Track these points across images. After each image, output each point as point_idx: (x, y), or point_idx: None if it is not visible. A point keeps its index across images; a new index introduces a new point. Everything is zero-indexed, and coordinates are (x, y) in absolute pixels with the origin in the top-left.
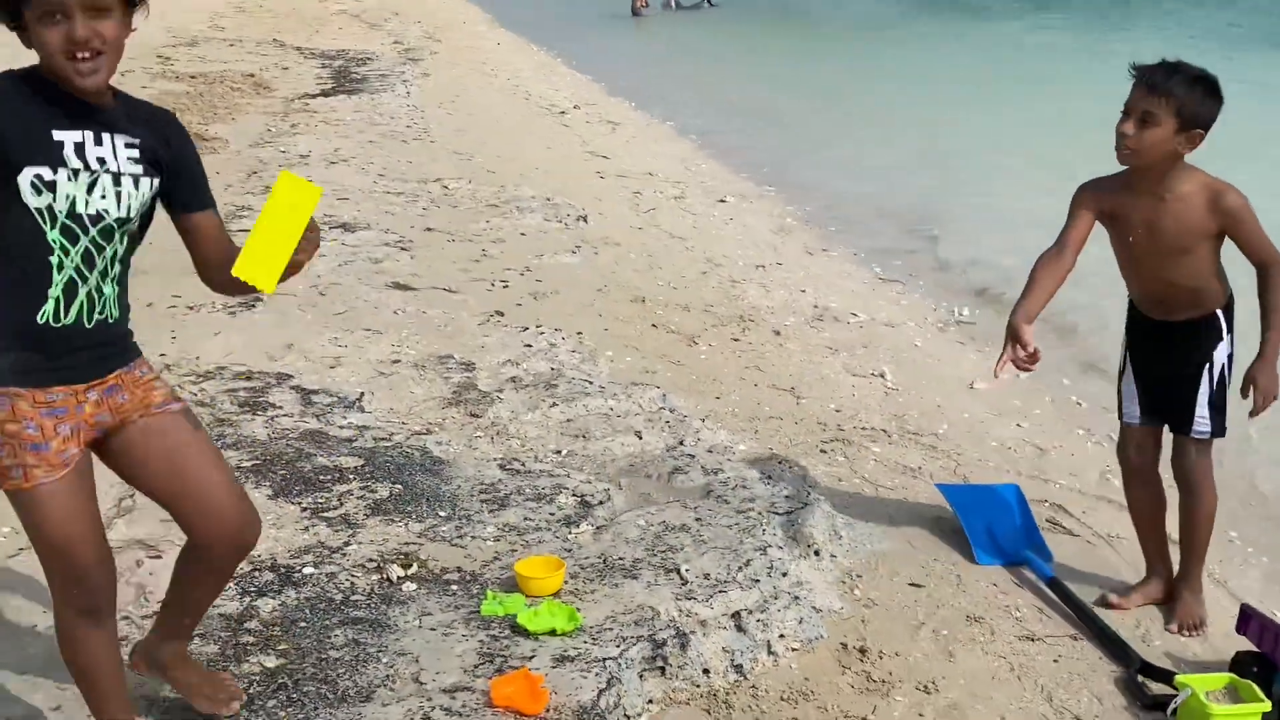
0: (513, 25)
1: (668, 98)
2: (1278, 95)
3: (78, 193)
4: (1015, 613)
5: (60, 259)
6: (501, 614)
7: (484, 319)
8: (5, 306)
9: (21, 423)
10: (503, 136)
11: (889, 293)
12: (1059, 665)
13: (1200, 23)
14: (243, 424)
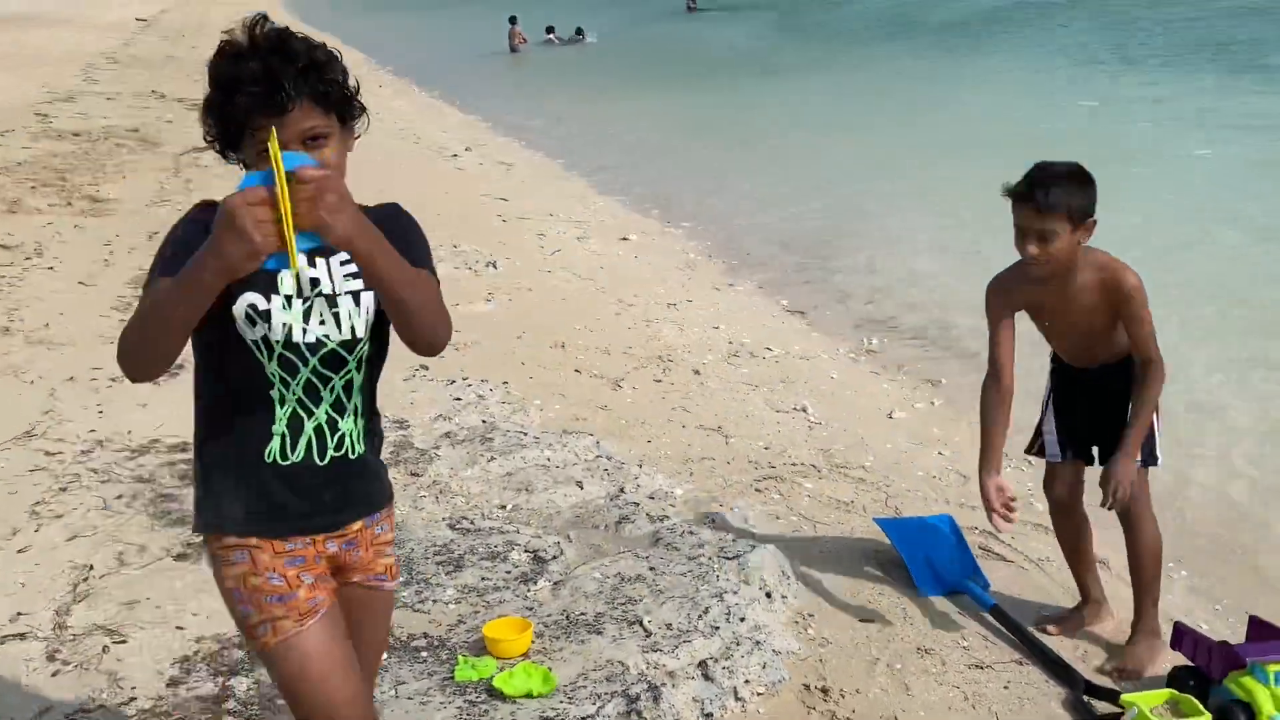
0: (392, 68)
1: (556, 135)
2: (1127, 109)
3: (293, 320)
4: (963, 642)
5: (281, 392)
6: (476, 678)
7: (409, 374)
8: (231, 445)
9: (264, 575)
10: (399, 182)
11: (798, 324)
12: (1009, 691)
13: (1053, 42)
14: (186, 498)
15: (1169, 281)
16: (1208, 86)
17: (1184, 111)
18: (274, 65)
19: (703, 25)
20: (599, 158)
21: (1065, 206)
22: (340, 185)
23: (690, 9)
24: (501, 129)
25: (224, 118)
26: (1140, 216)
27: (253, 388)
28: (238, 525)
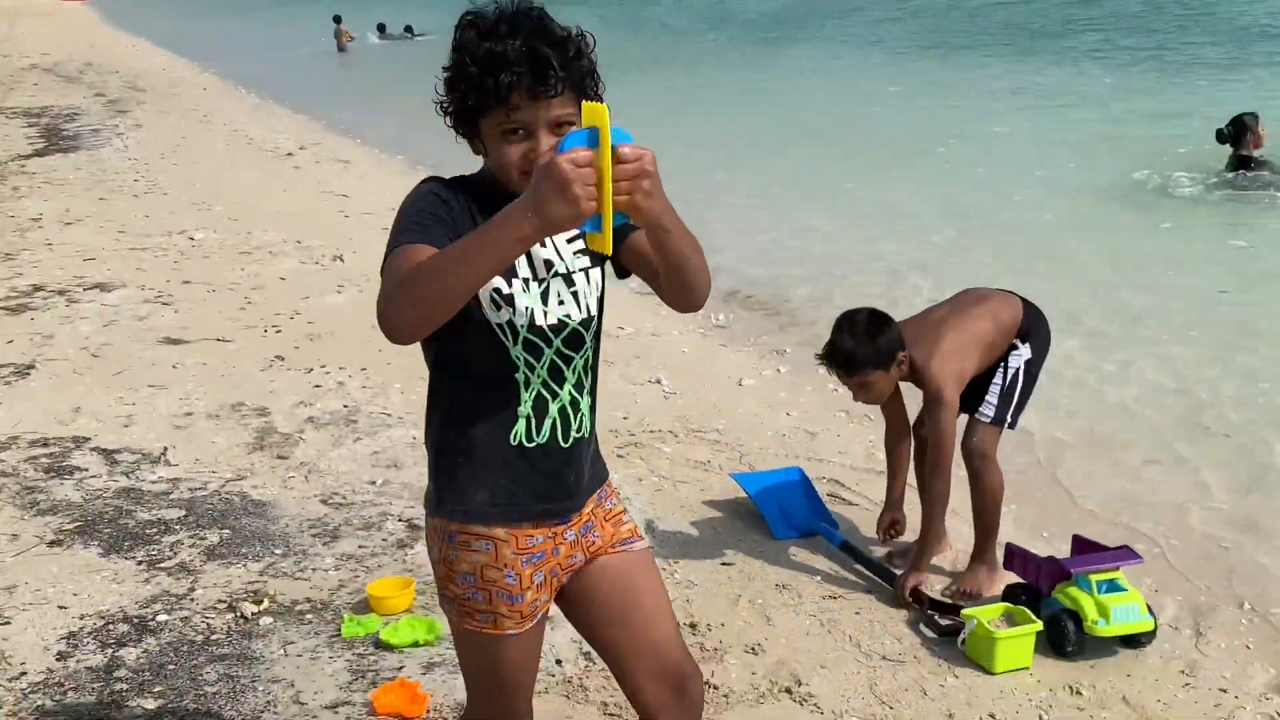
0: (216, 69)
1: (392, 131)
2: (938, 92)
3: (534, 303)
4: (816, 577)
5: (526, 375)
6: (362, 634)
7: (266, 365)
8: (475, 432)
9: (503, 570)
10: (236, 183)
11: (649, 304)
12: (860, 616)
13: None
14: (53, 489)
15: (975, 245)
16: (1007, 68)
17: (984, 92)
18: (539, 47)
19: None
20: (439, 153)
21: (870, 361)
22: (655, 169)
23: None
24: (336, 127)
25: (481, 92)
26: (945, 190)
27: (497, 372)
28: (483, 513)
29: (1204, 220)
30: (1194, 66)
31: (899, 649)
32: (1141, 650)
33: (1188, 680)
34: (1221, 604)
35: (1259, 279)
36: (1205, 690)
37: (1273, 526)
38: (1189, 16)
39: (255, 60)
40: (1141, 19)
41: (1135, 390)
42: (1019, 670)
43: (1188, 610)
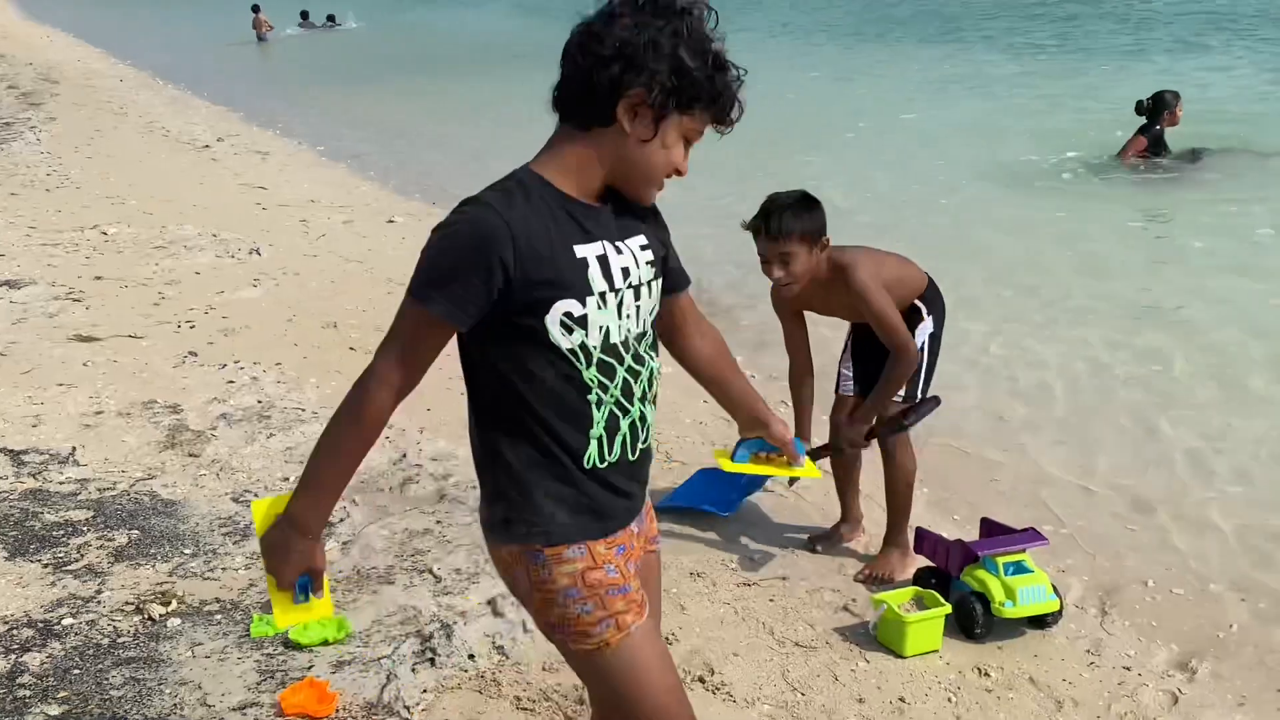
0: (133, 61)
1: (312, 122)
2: (853, 79)
3: (609, 320)
4: (730, 566)
5: (599, 395)
6: (271, 633)
7: (178, 361)
8: (543, 457)
9: (602, 568)
10: (151, 176)
11: None
12: (774, 603)
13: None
14: None
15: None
16: (915, 56)
17: (896, 79)
18: (732, 85)
19: (443, 8)
20: (360, 144)
21: (798, 230)
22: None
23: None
24: (255, 119)
25: (710, 95)
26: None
27: (568, 397)
28: (566, 533)
29: (1105, 202)
30: (1096, 54)
31: (811, 635)
32: (1048, 631)
33: (1093, 659)
34: (1126, 583)
35: (1160, 259)
36: (1109, 669)
37: (1175, 506)
38: (1093, 4)
39: (174, 51)
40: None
41: (1042, 373)
42: (929, 653)
43: (1093, 590)
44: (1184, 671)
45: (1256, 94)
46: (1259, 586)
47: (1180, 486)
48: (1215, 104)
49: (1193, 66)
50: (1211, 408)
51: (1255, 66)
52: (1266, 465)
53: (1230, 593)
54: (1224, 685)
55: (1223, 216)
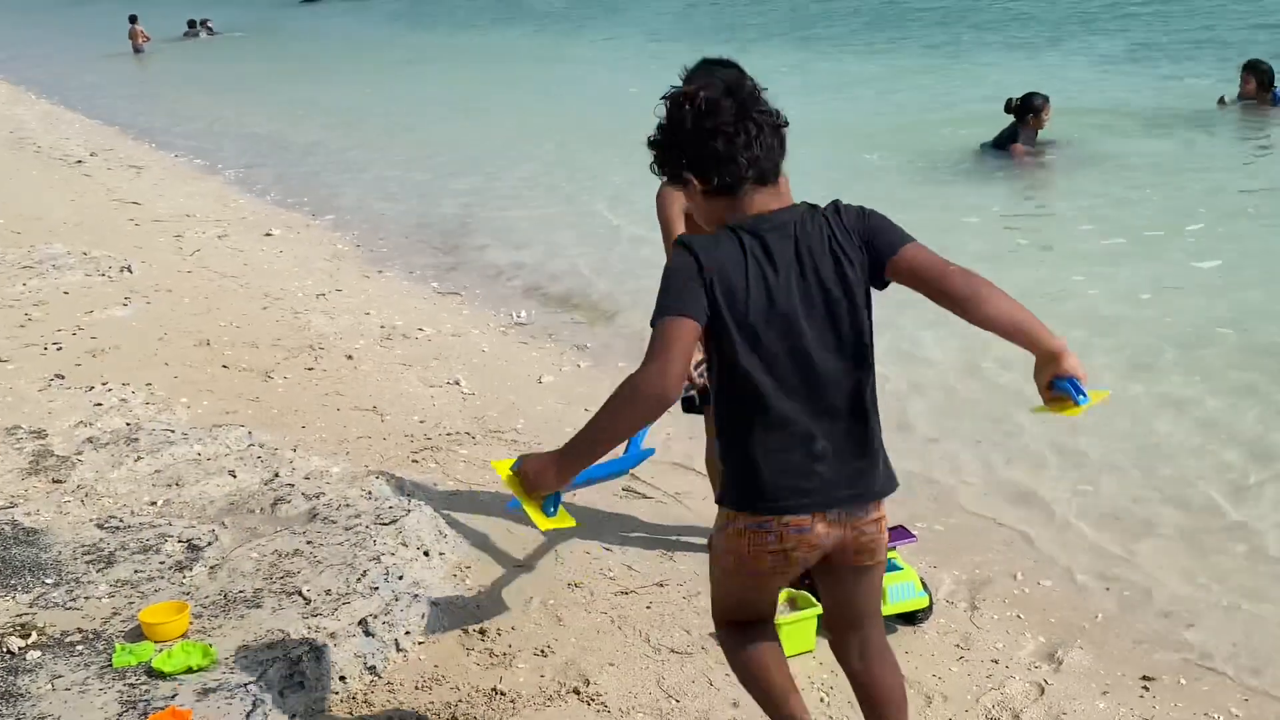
0: (3, 73)
1: (190, 135)
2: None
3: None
4: (609, 574)
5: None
6: (134, 663)
7: (44, 384)
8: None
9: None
10: (19, 193)
11: (450, 305)
12: (651, 610)
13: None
14: None
15: None
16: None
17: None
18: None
19: (323, 16)
20: (235, 156)
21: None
22: None
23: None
24: (130, 132)
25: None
26: None
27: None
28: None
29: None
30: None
31: (687, 641)
32: (918, 627)
33: (962, 653)
34: (995, 577)
35: (1021, 259)
36: (978, 662)
37: (1042, 499)
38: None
39: (48, 64)
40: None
41: (911, 369)
42: (803, 654)
43: (963, 585)
44: (1050, 662)
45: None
46: (1123, 577)
47: (1047, 479)
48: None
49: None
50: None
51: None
52: (1130, 457)
53: (1095, 583)
54: (1090, 674)
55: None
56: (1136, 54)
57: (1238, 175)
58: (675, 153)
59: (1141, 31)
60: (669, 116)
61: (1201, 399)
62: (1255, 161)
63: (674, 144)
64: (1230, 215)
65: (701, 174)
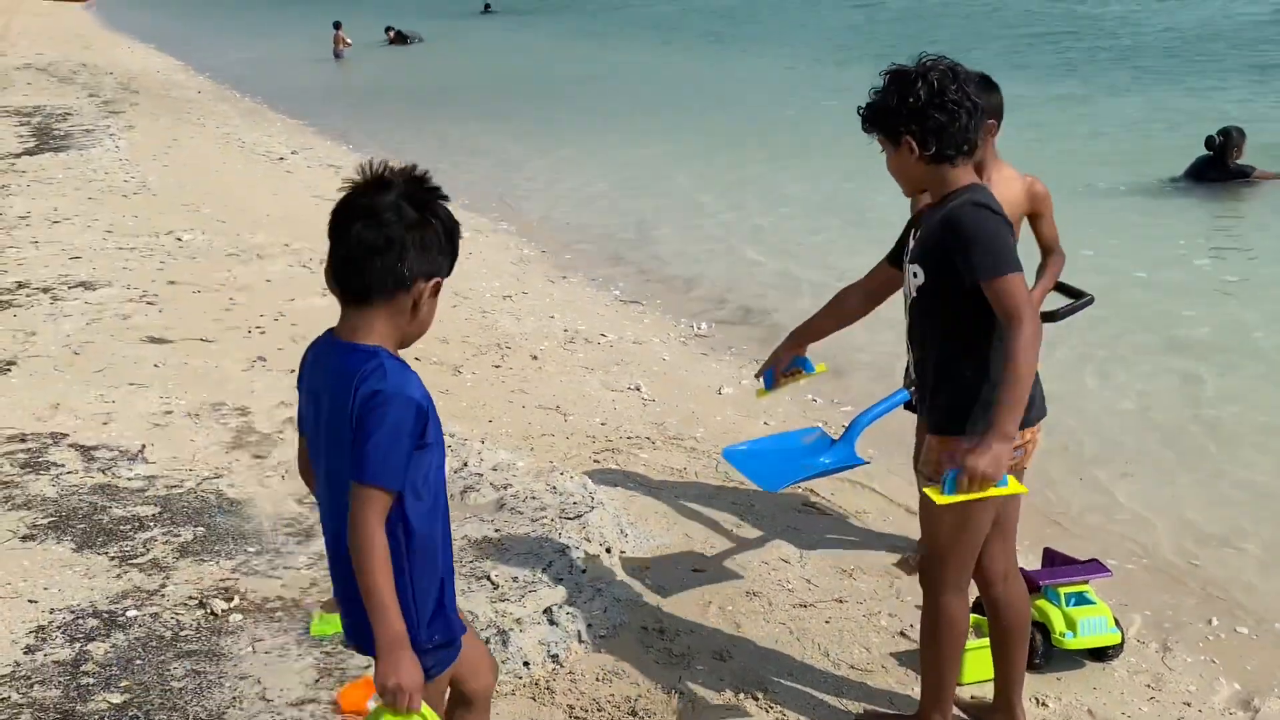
0: (210, 73)
1: (383, 138)
2: None
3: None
4: (788, 586)
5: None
6: (331, 632)
7: (248, 365)
8: None
9: None
10: (226, 185)
11: (631, 313)
12: (830, 625)
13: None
14: (29, 484)
15: None
16: None
17: None
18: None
19: (500, 28)
20: (427, 159)
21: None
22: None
23: (486, 9)
24: (327, 133)
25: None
26: None
27: None
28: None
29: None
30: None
31: (867, 658)
32: (1108, 664)
33: (1153, 694)
34: (1188, 619)
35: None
36: (1169, 704)
37: (1239, 544)
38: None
39: (251, 65)
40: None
41: (1116, 402)
42: (986, 681)
43: (1154, 625)
44: (1247, 710)
45: None
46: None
47: (1245, 524)
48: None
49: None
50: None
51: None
52: None
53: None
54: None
55: None
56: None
57: None
58: (898, 119)
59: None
60: (904, 87)
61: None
62: None
63: (899, 111)
64: None
65: (922, 141)
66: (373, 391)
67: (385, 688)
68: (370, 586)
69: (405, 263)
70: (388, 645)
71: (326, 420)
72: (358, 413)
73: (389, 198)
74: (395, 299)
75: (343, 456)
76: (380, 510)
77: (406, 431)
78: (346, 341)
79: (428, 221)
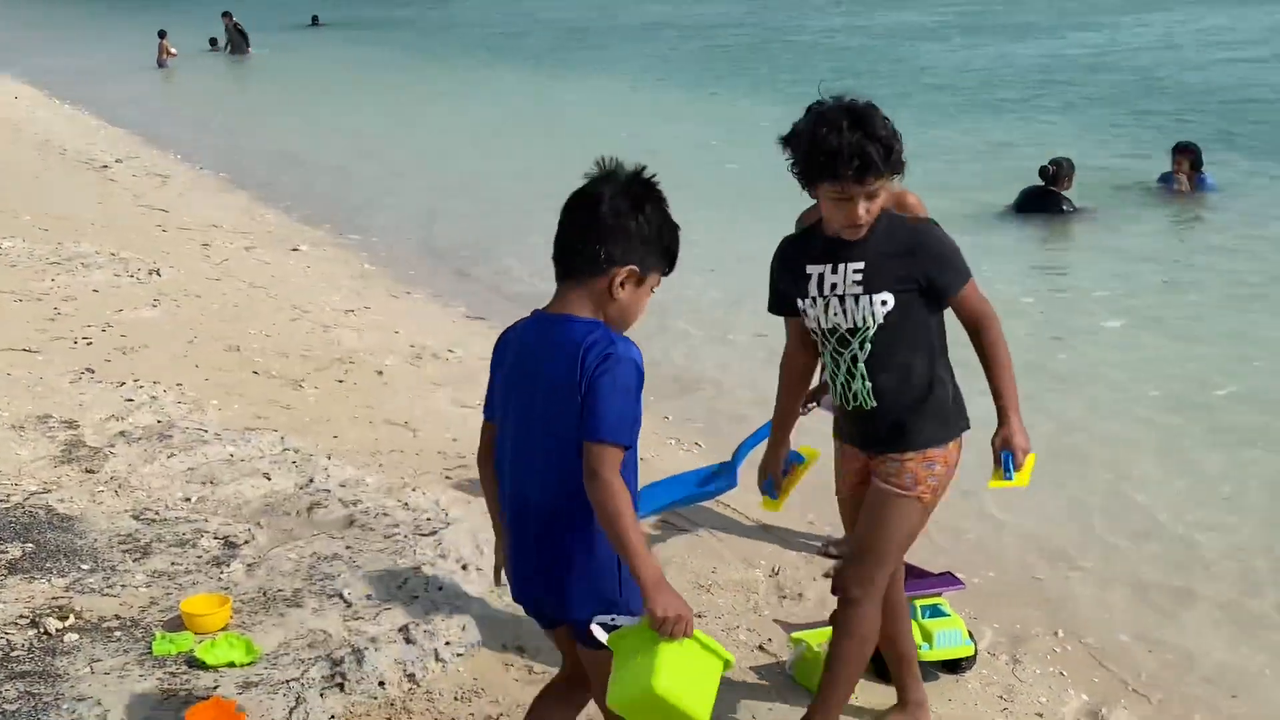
0: (29, 79)
1: (213, 148)
2: None
3: (819, 313)
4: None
5: (826, 360)
6: (174, 652)
7: (74, 377)
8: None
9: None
10: (47, 193)
11: (478, 329)
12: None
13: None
14: None
15: None
16: None
17: None
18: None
19: (333, 42)
20: (260, 172)
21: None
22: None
23: (314, 23)
24: (154, 141)
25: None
26: None
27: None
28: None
29: None
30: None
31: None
32: (961, 675)
33: (1005, 705)
34: (1036, 631)
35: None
36: (1021, 715)
37: (1085, 557)
38: None
39: (74, 72)
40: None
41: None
42: None
43: (1005, 637)
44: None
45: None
46: (1167, 640)
47: (1092, 537)
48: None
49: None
50: (1124, 459)
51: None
52: (1172, 521)
53: (1138, 644)
54: None
55: None
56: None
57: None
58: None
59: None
60: (880, 122)
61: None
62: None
63: (895, 147)
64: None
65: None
66: (605, 354)
67: (665, 620)
68: (623, 533)
69: (605, 247)
70: (653, 584)
71: (545, 389)
72: (591, 374)
73: (607, 189)
74: (594, 280)
75: (565, 420)
76: (616, 465)
77: (634, 391)
78: (559, 314)
79: (634, 214)
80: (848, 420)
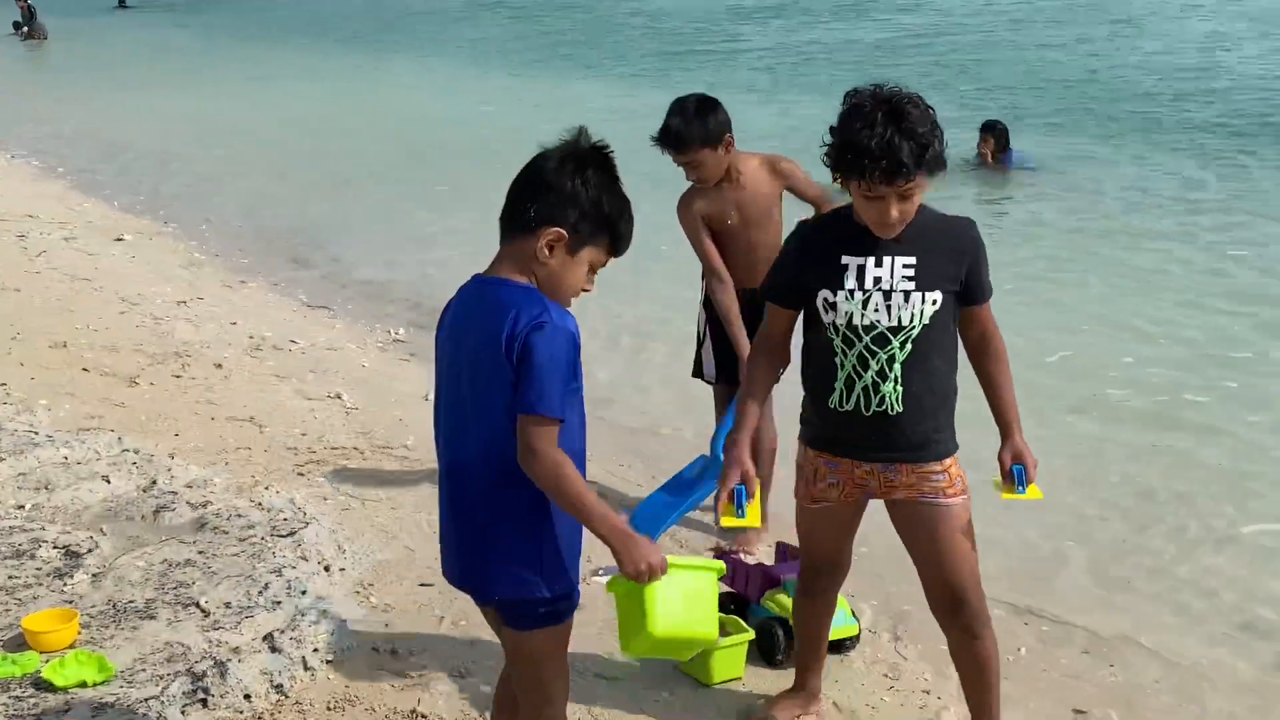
0: None
1: (25, 136)
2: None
3: (854, 308)
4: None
5: (840, 359)
6: (19, 674)
7: None
8: (810, 390)
9: (812, 468)
10: None
11: (320, 318)
12: (580, 632)
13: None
14: None
15: None
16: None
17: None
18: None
19: (141, 23)
20: (77, 160)
21: (699, 139)
22: None
23: (121, 5)
24: None
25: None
26: None
27: (825, 354)
28: (810, 442)
29: None
30: None
31: (614, 667)
32: (846, 655)
33: (892, 683)
34: (913, 607)
35: None
36: (909, 693)
37: None
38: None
39: None
40: None
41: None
42: (732, 680)
43: (885, 615)
44: None
45: None
46: (1043, 611)
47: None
48: None
49: None
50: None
51: None
52: (1051, 490)
53: (1014, 617)
54: (1021, 706)
55: None
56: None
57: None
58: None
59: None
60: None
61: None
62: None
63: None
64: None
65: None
66: (538, 322)
67: (638, 574)
68: (574, 498)
69: (535, 205)
70: (619, 539)
71: (473, 355)
72: (523, 343)
73: (557, 151)
74: (524, 241)
75: (495, 387)
76: (552, 438)
77: (569, 361)
78: (492, 277)
79: (574, 176)
80: (855, 427)
